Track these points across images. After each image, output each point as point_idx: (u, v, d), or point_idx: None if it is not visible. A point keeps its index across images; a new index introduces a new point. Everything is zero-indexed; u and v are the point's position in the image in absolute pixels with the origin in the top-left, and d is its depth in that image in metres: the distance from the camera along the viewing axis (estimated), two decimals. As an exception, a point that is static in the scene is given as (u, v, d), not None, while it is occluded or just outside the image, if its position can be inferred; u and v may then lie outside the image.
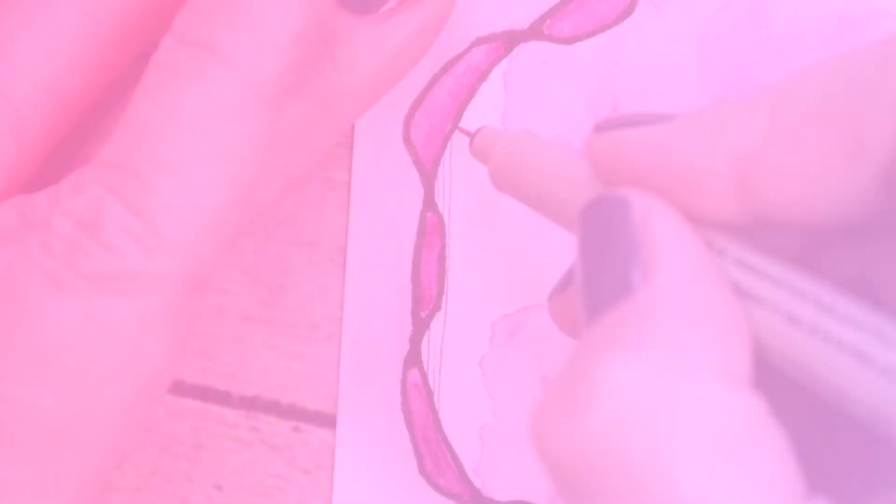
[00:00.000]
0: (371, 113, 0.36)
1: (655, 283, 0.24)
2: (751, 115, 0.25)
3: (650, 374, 0.23)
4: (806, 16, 0.33)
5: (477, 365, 0.36)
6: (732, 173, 0.25)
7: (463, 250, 0.36)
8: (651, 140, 0.26)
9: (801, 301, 0.23)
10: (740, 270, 0.25)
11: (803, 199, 0.24)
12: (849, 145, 0.23)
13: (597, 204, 0.26)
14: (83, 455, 0.28)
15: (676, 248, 0.25)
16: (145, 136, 0.27)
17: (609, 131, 0.27)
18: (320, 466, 0.37)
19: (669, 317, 0.23)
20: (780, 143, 0.24)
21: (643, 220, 0.25)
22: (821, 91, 0.24)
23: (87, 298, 0.27)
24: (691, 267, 0.24)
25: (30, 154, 0.34)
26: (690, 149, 0.25)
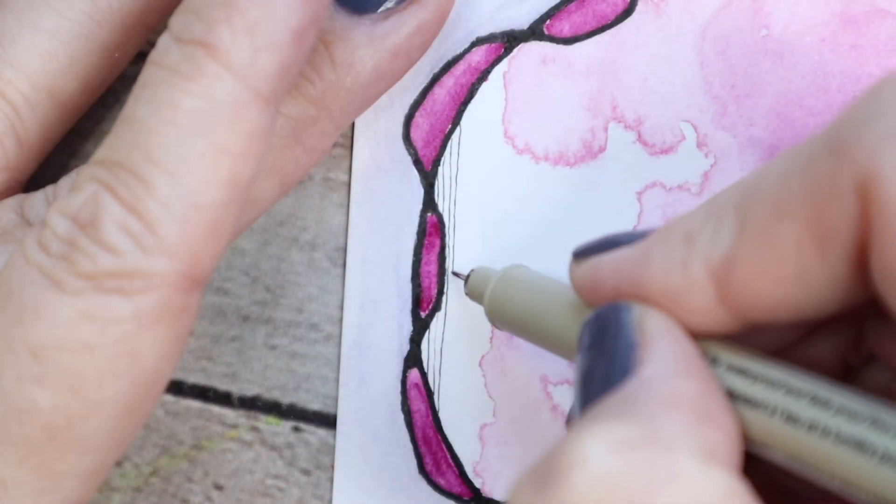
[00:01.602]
0: (371, 113, 0.36)
1: (641, 374, 0.24)
2: (719, 222, 0.25)
3: (626, 446, 0.23)
4: (806, 16, 0.33)
5: (477, 365, 0.36)
6: (711, 283, 0.25)
7: (463, 250, 0.36)
8: (627, 263, 0.27)
9: (797, 399, 0.24)
10: (735, 376, 0.25)
11: (783, 296, 0.24)
12: (816, 237, 0.23)
13: (599, 313, 0.27)
14: (80, 454, 0.28)
15: (666, 345, 0.25)
16: (142, 135, 0.26)
17: (586, 259, 0.28)
18: (320, 466, 0.37)
19: (651, 401, 0.24)
20: (749, 245, 0.24)
21: (639, 323, 0.26)
22: (779, 188, 0.24)
23: (85, 297, 0.27)
24: (678, 362, 0.25)
25: (29, 154, 0.34)
26: (666, 265, 0.26)
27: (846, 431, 0.23)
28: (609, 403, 0.24)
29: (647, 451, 0.22)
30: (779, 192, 0.24)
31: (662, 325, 0.25)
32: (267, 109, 0.27)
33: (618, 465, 0.22)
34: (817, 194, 0.23)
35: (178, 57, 0.26)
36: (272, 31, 0.26)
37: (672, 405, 0.23)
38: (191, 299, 0.28)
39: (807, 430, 0.23)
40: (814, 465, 0.23)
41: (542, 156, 0.35)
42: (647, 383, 0.24)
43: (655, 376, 0.24)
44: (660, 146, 0.34)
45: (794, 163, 0.24)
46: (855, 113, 0.23)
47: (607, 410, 0.24)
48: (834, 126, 0.24)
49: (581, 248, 0.28)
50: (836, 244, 0.23)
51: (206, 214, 0.27)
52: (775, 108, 0.33)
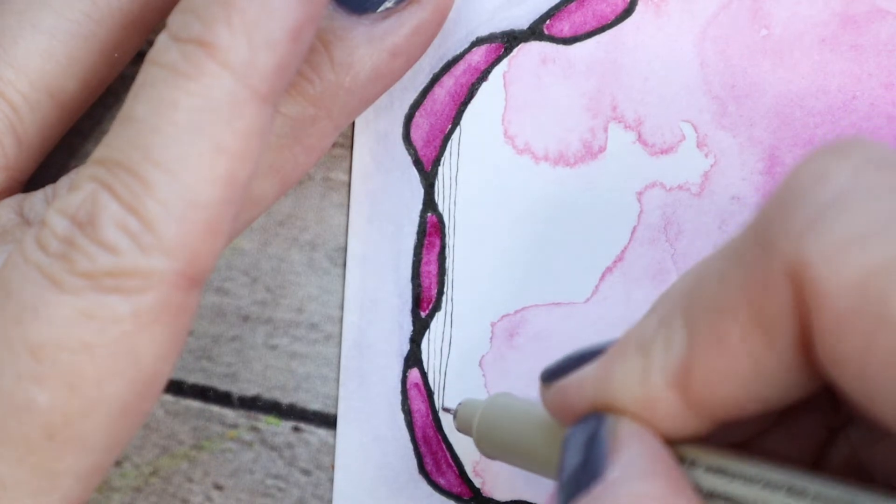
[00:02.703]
0: (371, 113, 0.36)
1: (607, 477, 0.25)
2: (668, 328, 0.25)
3: None
4: (806, 16, 0.33)
5: (477, 365, 0.36)
6: (672, 391, 0.25)
7: (463, 250, 0.36)
8: (590, 381, 0.27)
9: (773, 492, 0.24)
10: (713, 476, 0.25)
11: (743, 392, 0.24)
12: (761, 331, 0.24)
13: (577, 426, 0.27)
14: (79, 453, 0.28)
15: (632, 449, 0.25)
16: (141, 134, 0.26)
17: (553, 382, 0.28)
18: (320, 466, 0.37)
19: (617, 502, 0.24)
20: (701, 349, 0.24)
21: (610, 431, 0.26)
22: (719, 287, 0.24)
23: (84, 296, 0.27)
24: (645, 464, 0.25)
25: (29, 154, 0.34)
26: (626, 381, 0.26)
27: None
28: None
29: None
30: (719, 291, 0.24)
31: (632, 430, 0.26)
32: (265, 108, 0.27)
33: None
34: (753, 290, 0.23)
35: (177, 56, 0.27)
36: (270, 29, 0.26)
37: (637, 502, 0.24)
38: (190, 298, 0.28)
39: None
40: None
41: (542, 156, 0.35)
42: (612, 485, 0.25)
43: (621, 478, 0.25)
44: (660, 146, 0.34)
45: (729, 259, 0.24)
46: (776, 202, 0.24)
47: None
48: (759, 217, 0.24)
49: (546, 371, 0.29)
50: (781, 335, 0.23)
51: (204, 213, 0.27)
52: (775, 108, 0.33)
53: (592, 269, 0.35)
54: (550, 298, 0.35)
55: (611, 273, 0.35)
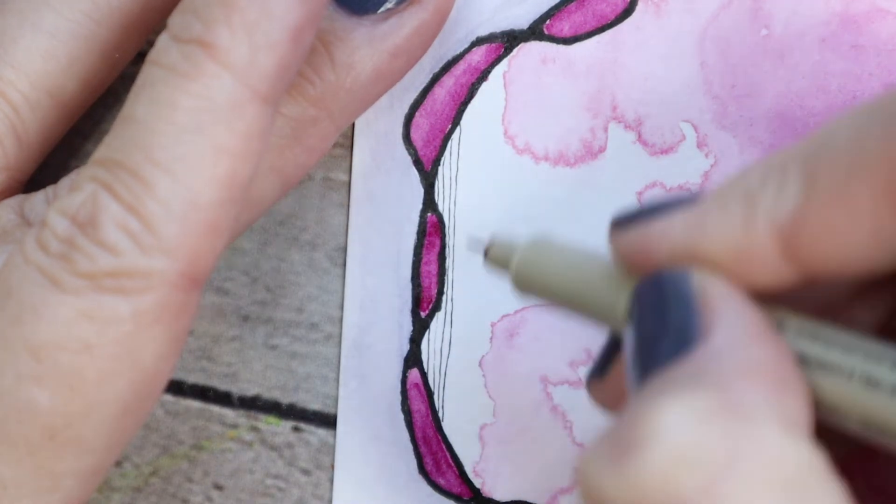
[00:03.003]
0: (371, 113, 0.36)
1: (712, 342, 0.24)
2: (783, 178, 0.24)
3: (706, 416, 0.22)
4: (806, 16, 0.33)
5: (477, 365, 0.36)
6: (776, 241, 0.24)
7: (463, 250, 0.36)
8: (680, 228, 0.26)
9: (878, 363, 0.23)
10: (806, 341, 0.24)
11: (854, 252, 0.24)
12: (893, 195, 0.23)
13: (654, 278, 0.26)
14: (80, 454, 0.28)
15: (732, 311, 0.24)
16: (141, 134, 0.27)
17: (631, 227, 0.27)
18: (320, 466, 0.37)
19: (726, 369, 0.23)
20: (820, 202, 0.24)
21: (700, 290, 0.25)
22: (855, 143, 0.23)
23: (84, 296, 0.27)
24: (746, 328, 0.24)
25: (29, 154, 0.34)
26: (726, 228, 0.25)
27: None
28: (679, 373, 0.23)
29: (728, 421, 0.22)
30: (853, 146, 0.23)
31: (726, 291, 0.25)
32: (266, 108, 0.27)
33: (697, 435, 0.22)
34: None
35: (177, 56, 0.27)
36: (270, 30, 0.26)
37: (748, 373, 0.23)
38: (190, 298, 0.28)
39: (890, 394, 0.23)
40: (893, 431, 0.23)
41: (542, 156, 0.35)
42: (718, 352, 0.23)
43: (726, 344, 0.24)
44: (660, 146, 0.34)
45: (870, 118, 0.23)
46: None
47: (679, 380, 0.23)
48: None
49: (622, 215, 0.27)
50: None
51: (205, 213, 0.27)
52: (775, 108, 0.33)
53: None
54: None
55: (611, 273, 0.35)
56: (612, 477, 0.22)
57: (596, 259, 0.29)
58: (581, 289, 0.29)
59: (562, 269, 0.29)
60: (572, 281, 0.29)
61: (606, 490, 0.23)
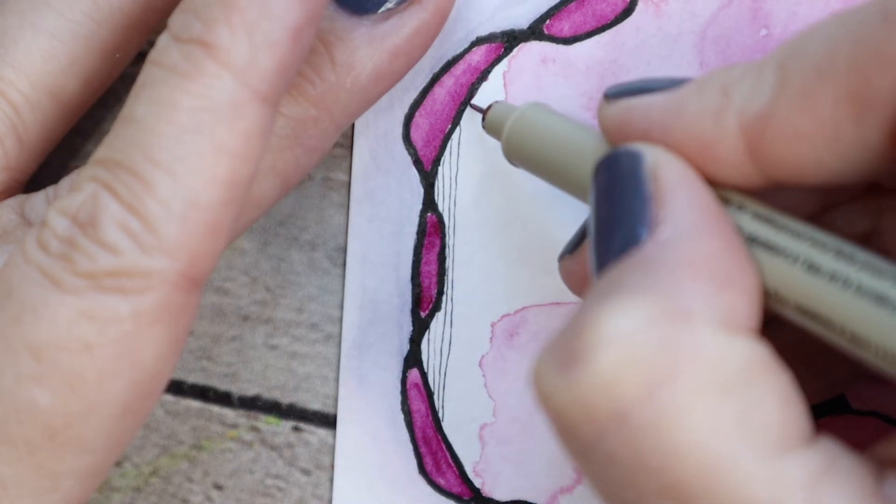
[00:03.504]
0: (371, 113, 0.36)
1: (659, 235, 0.24)
2: (758, 76, 0.25)
3: (648, 322, 0.23)
4: (806, 16, 0.33)
5: (477, 365, 0.36)
6: (742, 136, 0.25)
7: (463, 250, 0.36)
8: (660, 107, 0.26)
9: (822, 250, 0.24)
10: (759, 224, 0.25)
11: (813, 158, 0.24)
12: (855, 103, 0.23)
13: (610, 158, 0.26)
14: (80, 454, 0.28)
15: (684, 200, 0.25)
16: (141, 134, 0.27)
17: (619, 99, 0.28)
18: (320, 466, 0.37)
19: (671, 267, 0.24)
20: (787, 103, 0.24)
21: (653, 173, 0.25)
22: (825, 49, 0.24)
23: (85, 296, 0.27)
24: (697, 218, 0.24)
25: (30, 154, 0.34)
26: (699, 114, 0.26)
27: (868, 284, 0.23)
28: (627, 270, 0.24)
29: (668, 326, 0.23)
30: (823, 53, 0.24)
31: (678, 174, 0.25)
32: (266, 108, 0.27)
33: (639, 342, 0.23)
34: (863, 59, 0.23)
35: (177, 56, 0.27)
36: (271, 29, 0.26)
37: (692, 270, 0.23)
38: (190, 298, 0.28)
39: (827, 281, 0.23)
40: (827, 318, 0.23)
41: (542, 156, 0.35)
42: (664, 246, 0.24)
43: (673, 237, 0.24)
44: (660, 146, 0.34)
45: (843, 27, 0.24)
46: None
47: (626, 280, 0.24)
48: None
49: (614, 88, 0.28)
50: (874, 112, 0.23)
51: (205, 213, 0.27)
52: (775, 108, 0.33)
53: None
54: (550, 298, 0.35)
55: (611, 273, 0.35)
56: (559, 386, 0.23)
57: (584, 132, 0.29)
58: (564, 159, 0.29)
59: (549, 139, 0.30)
60: (557, 151, 0.30)
61: (556, 399, 0.23)
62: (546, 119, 0.31)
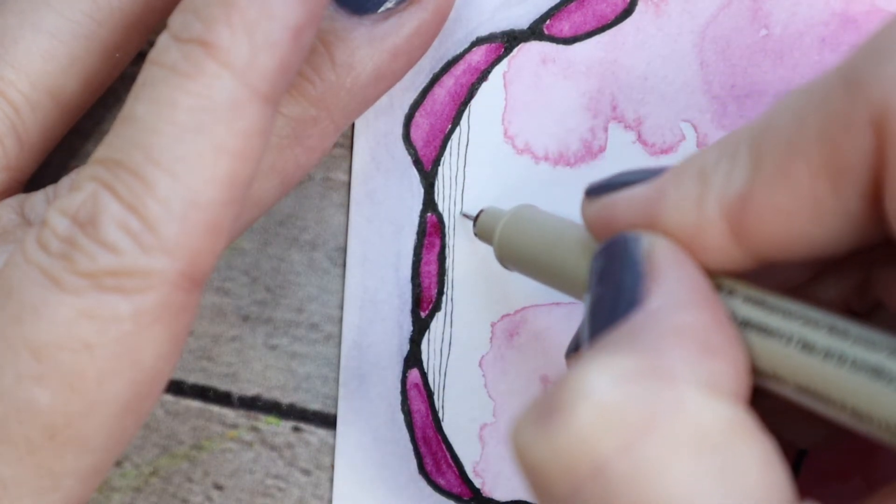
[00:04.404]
0: (371, 113, 0.36)
1: (649, 304, 0.24)
2: (733, 159, 0.25)
3: (628, 378, 0.23)
4: (806, 16, 0.33)
5: (477, 365, 0.36)
6: (725, 221, 0.25)
7: (463, 250, 0.36)
8: (641, 200, 0.27)
9: (814, 328, 0.24)
10: (751, 307, 0.25)
11: (797, 233, 0.24)
12: (831, 173, 0.23)
13: (609, 243, 0.27)
14: (80, 453, 0.28)
15: (674, 276, 0.25)
16: (141, 134, 0.26)
17: (600, 197, 0.28)
18: (320, 466, 0.37)
19: (657, 333, 0.24)
20: (764, 182, 0.24)
21: (648, 254, 0.25)
22: (794, 124, 0.24)
23: (85, 296, 0.27)
24: (686, 292, 0.24)
25: (30, 154, 0.34)
26: (680, 204, 0.26)
27: (863, 358, 0.23)
28: (614, 336, 0.24)
29: (650, 383, 0.22)
30: (793, 128, 0.24)
31: (672, 255, 0.25)
32: (266, 108, 0.27)
33: (620, 396, 0.22)
34: (832, 130, 0.23)
35: (177, 56, 0.27)
36: (271, 29, 0.26)
37: (678, 337, 0.23)
38: (190, 298, 0.28)
39: (822, 358, 0.23)
40: (826, 395, 0.23)
41: (542, 156, 0.35)
42: (653, 315, 0.24)
43: (662, 307, 0.24)
44: (660, 146, 0.34)
45: (809, 99, 0.24)
46: (870, 48, 0.23)
47: (612, 342, 0.24)
48: (849, 61, 0.23)
49: (594, 185, 0.28)
50: (850, 180, 0.23)
51: (205, 213, 0.27)
52: (775, 108, 0.33)
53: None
54: (550, 298, 0.35)
55: (611, 273, 0.35)
56: (536, 440, 0.23)
57: (573, 230, 0.29)
58: (556, 260, 0.29)
59: (539, 241, 0.30)
60: (546, 253, 0.30)
61: (533, 454, 0.23)
62: (534, 221, 0.31)
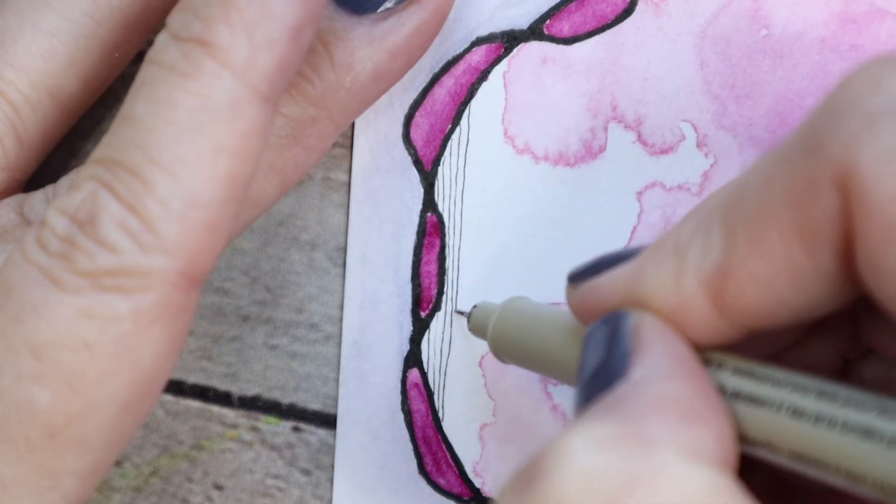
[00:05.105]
0: (371, 113, 0.36)
1: (632, 375, 0.24)
2: (707, 233, 0.25)
3: (609, 444, 0.23)
4: (805, 16, 0.33)
5: (477, 365, 0.36)
6: (706, 295, 0.25)
7: (463, 250, 0.36)
8: (622, 282, 0.27)
9: (803, 395, 0.24)
10: (740, 379, 0.25)
11: (778, 300, 0.24)
12: (802, 237, 0.23)
13: (598, 323, 0.27)
14: (80, 453, 0.28)
15: (659, 349, 0.25)
16: (141, 133, 0.27)
17: (582, 282, 0.28)
18: (320, 466, 0.37)
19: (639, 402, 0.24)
20: (739, 253, 0.24)
21: (635, 331, 0.26)
22: (762, 192, 0.24)
23: (84, 295, 0.27)
24: (669, 364, 0.25)
25: (30, 154, 0.34)
26: (659, 283, 0.26)
27: (854, 420, 0.23)
28: (599, 405, 0.24)
29: (630, 448, 0.22)
30: (762, 196, 0.24)
31: (657, 330, 0.25)
32: (265, 107, 0.27)
33: (600, 461, 0.22)
34: (798, 194, 0.23)
35: (177, 55, 0.27)
36: (270, 28, 0.26)
37: (659, 405, 0.23)
38: (190, 297, 0.28)
39: (813, 423, 0.23)
40: (819, 459, 0.23)
41: (542, 156, 0.35)
42: (636, 385, 0.24)
43: (645, 378, 0.24)
44: (660, 146, 0.34)
45: (774, 165, 0.24)
46: (827, 108, 0.23)
47: (595, 412, 0.24)
48: (808, 124, 0.24)
49: (575, 271, 0.28)
50: (822, 242, 0.23)
51: (204, 212, 0.27)
52: (775, 108, 0.33)
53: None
54: (550, 298, 0.35)
55: (611, 273, 0.35)
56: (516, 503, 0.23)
57: (561, 318, 0.30)
58: (547, 350, 0.30)
59: (529, 334, 0.31)
60: (539, 344, 0.30)
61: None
62: (524, 313, 0.32)
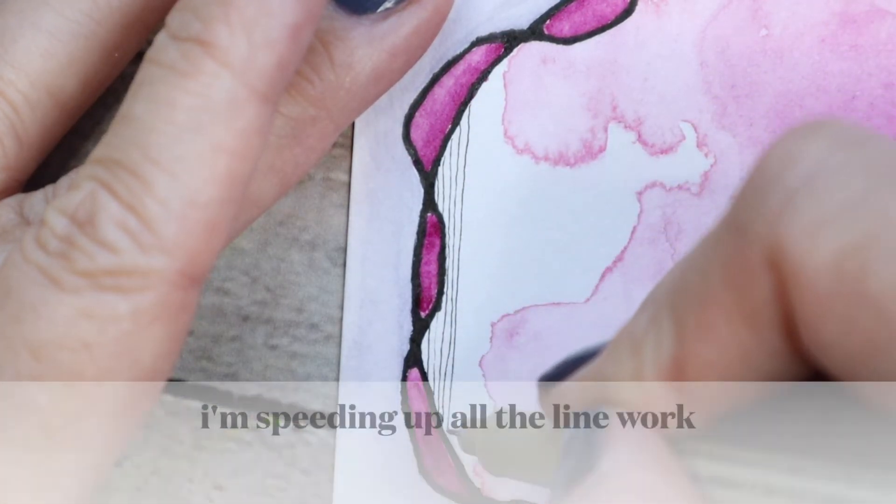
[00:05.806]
0: (371, 113, 0.36)
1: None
2: (659, 327, 0.25)
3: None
4: (806, 16, 0.33)
5: (477, 365, 0.36)
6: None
7: (463, 250, 0.36)
8: (587, 384, 0.27)
9: (776, 472, 0.24)
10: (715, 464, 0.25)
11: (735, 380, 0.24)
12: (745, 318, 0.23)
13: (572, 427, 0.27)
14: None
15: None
16: (140, 133, 0.27)
17: (551, 388, 0.28)
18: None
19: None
20: (690, 342, 0.24)
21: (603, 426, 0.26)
22: (701, 279, 0.24)
23: (83, 295, 0.27)
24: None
25: (29, 154, 0.34)
26: (620, 381, 0.26)
27: (823, 490, 0.23)
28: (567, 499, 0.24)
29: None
30: (703, 282, 0.24)
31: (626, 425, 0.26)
32: (265, 107, 0.27)
33: None
34: (734, 277, 0.23)
35: (176, 54, 0.27)
36: (269, 28, 0.26)
37: (625, 493, 0.24)
38: (189, 297, 0.28)
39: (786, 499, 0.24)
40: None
41: (542, 156, 0.35)
42: (604, 476, 0.24)
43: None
44: (660, 146, 0.34)
45: (709, 248, 0.24)
46: (749, 188, 0.23)
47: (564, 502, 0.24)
48: (734, 205, 0.24)
49: (544, 376, 0.29)
50: (765, 322, 0.23)
51: (204, 212, 0.27)
52: (775, 108, 0.33)
53: (592, 269, 0.35)
54: (550, 298, 0.35)
55: (611, 273, 0.35)
56: None
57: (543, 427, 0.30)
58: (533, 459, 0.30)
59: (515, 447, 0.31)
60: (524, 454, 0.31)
61: None
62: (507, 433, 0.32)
